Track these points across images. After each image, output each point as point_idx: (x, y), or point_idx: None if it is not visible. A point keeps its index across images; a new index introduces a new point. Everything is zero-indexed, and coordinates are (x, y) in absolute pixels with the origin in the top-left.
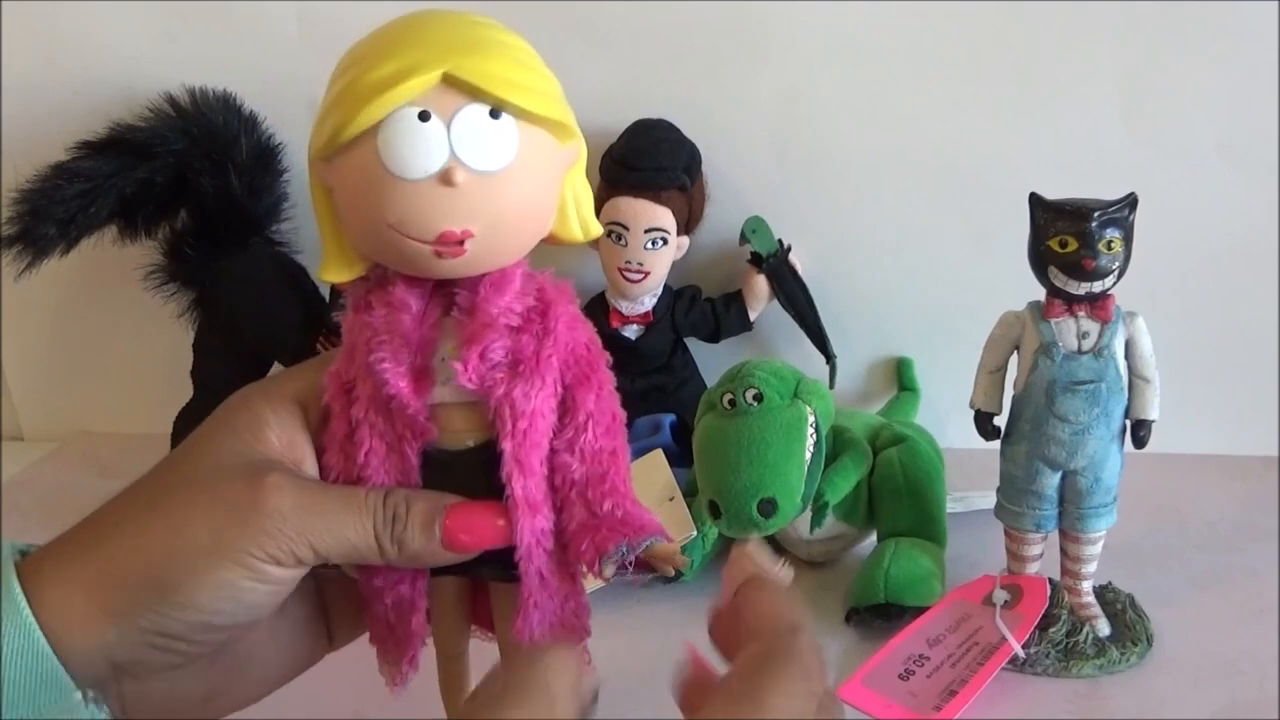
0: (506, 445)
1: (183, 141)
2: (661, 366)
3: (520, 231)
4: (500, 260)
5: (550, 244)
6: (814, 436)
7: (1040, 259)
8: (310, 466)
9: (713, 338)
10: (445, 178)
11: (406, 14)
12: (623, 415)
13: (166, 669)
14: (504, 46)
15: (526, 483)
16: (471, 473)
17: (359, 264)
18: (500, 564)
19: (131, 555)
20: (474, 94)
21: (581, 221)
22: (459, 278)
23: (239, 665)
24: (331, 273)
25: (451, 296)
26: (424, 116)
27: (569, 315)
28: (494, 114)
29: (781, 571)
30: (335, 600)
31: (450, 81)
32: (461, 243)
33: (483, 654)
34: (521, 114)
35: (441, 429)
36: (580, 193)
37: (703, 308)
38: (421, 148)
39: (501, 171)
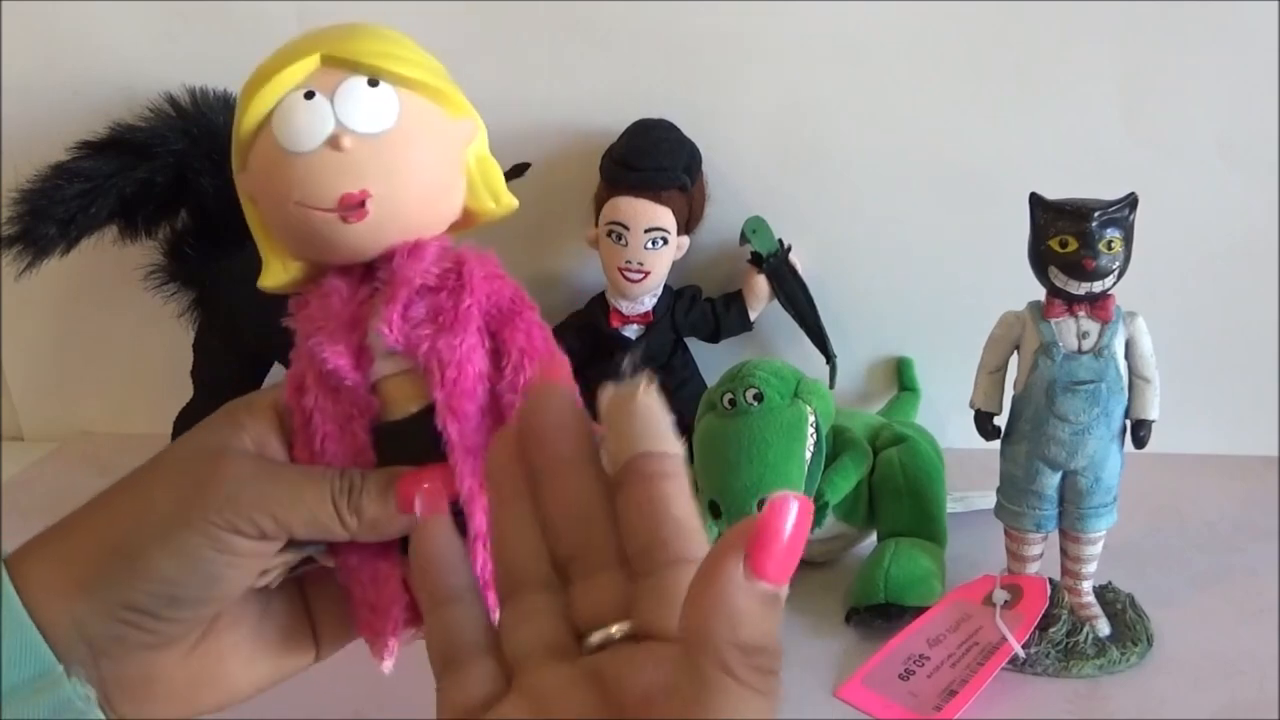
0: (439, 395)
1: (183, 141)
2: (661, 366)
3: (421, 197)
4: (408, 228)
5: (473, 222)
6: (814, 436)
7: (1040, 259)
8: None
9: (713, 338)
10: (334, 142)
11: None
12: (563, 356)
13: (142, 648)
14: (378, 32)
15: (462, 427)
16: (420, 436)
17: (292, 266)
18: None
19: (99, 529)
20: (352, 68)
21: (493, 193)
22: (377, 253)
23: (220, 658)
24: (269, 278)
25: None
26: (309, 95)
27: (485, 270)
28: (372, 82)
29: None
30: (321, 609)
31: (329, 61)
32: (362, 204)
33: None
34: (397, 79)
35: (386, 401)
36: (487, 168)
37: (703, 308)
38: (310, 121)
39: (386, 132)
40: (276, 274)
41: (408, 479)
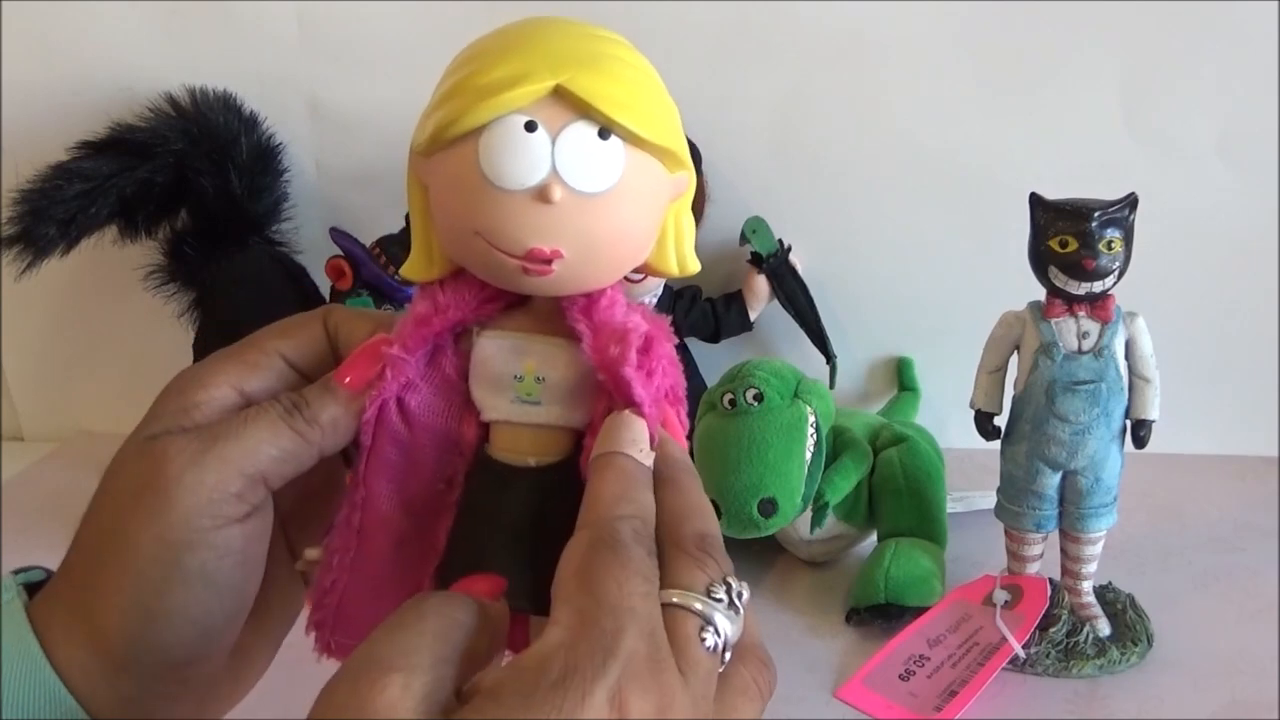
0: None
1: (183, 141)
2: None
3: (611, 258)
4: (587, 283)
5: (641, 273)
6: (814, 436)
7: (1040, 259)
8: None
9: (713, 338)
10: (543, 194)
11: (526, 18)
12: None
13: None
14: (622, 64)
15: None
16: (529, 491)
17: (443, 266)
18: (537, 598)
19: (112, 615)
20: (585, 111)
21: (679, 256)
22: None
23: (240, 655)
24: (414, 270)
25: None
26: (530, 127)
27: (669, 356)
28: (602, 134)
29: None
30: (290, 518)
31: (562, 94)
32: (549, 262)
33: None
34: (631, 138)
35: (500, 446)
36: (683, 225)
37: (703, 308)
38: (523, 158)
39: (601, 194)
40: (420, 269)
41: (344, 370)
